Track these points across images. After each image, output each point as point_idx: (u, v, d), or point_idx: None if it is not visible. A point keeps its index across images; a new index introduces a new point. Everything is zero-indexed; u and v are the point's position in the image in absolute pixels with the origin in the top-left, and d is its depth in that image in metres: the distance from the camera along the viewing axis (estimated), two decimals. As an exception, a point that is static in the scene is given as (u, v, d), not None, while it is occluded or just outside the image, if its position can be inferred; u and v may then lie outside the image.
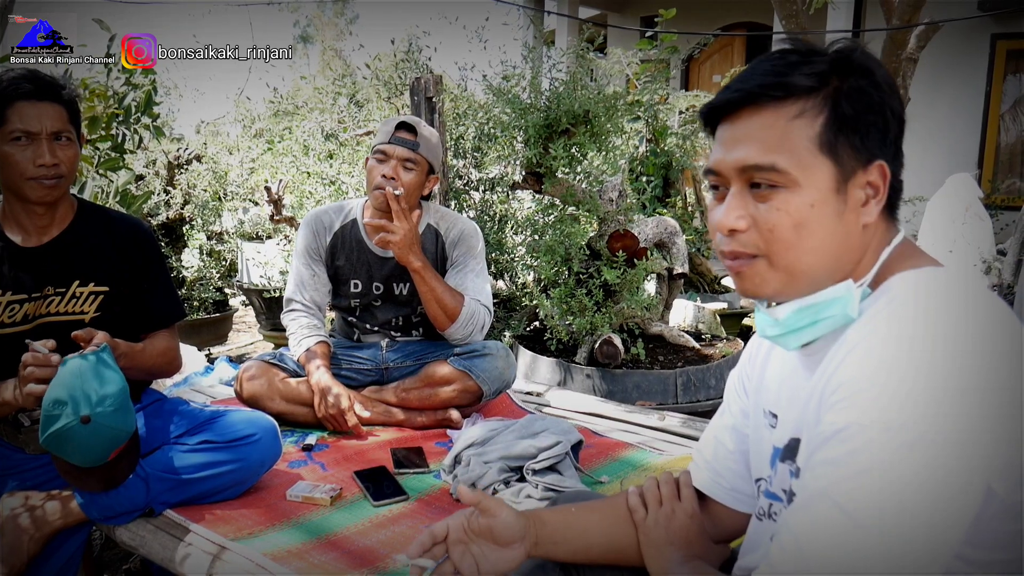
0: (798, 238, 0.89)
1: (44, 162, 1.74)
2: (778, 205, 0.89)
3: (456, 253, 2.52)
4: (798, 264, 0.90)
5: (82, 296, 1.88)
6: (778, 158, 0.88)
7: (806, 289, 0.92)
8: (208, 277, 5.15)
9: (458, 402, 2.44)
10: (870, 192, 0.90)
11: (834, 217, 0.89)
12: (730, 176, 0.92)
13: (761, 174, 0.89)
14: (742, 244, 0.91)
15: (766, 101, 0.89)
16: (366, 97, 4.57)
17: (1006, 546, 0.82)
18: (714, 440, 1.18)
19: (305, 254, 2.54)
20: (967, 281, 0.86)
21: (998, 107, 7.40)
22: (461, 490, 1.09)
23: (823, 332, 0.92)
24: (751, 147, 0.89)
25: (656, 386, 3.28)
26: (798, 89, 0.88)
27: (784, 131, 0.88)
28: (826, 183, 0.88)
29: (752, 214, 0.90)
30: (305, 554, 1.65)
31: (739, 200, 0.91)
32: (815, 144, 0.88)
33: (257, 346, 5.29)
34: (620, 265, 3.36)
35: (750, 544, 1.08)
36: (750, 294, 0.94)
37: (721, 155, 0.92)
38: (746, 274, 0.93)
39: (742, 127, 0.91)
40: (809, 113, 0.88)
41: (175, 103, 6.06)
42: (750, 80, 0.91)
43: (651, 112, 4.50)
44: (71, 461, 1.61)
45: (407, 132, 2.41)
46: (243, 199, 5.41)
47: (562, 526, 1.13)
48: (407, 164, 2.39)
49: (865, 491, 0.77)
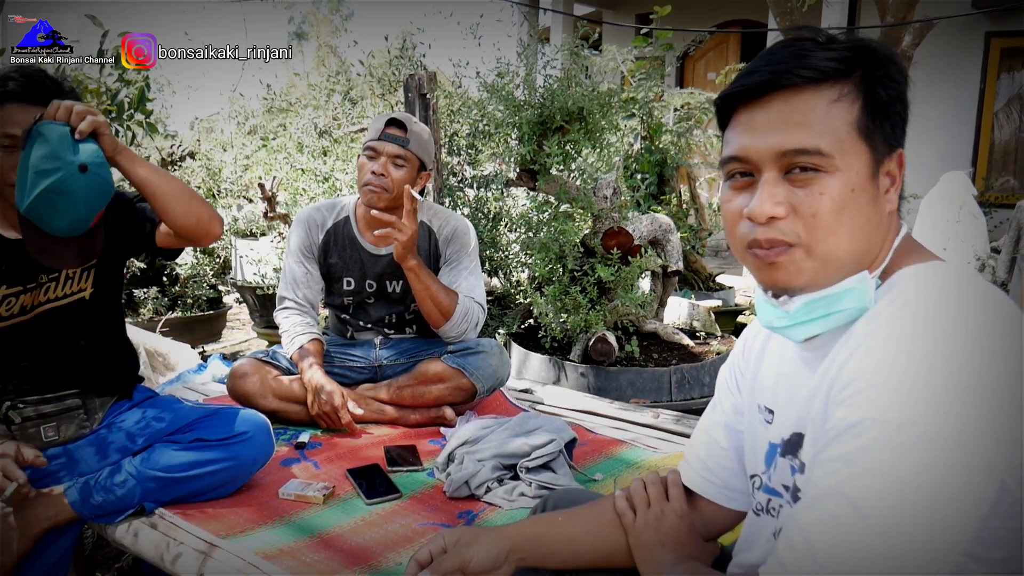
0: (839, 224, 0.87)
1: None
2: (821, 190, 0.86)
3: (449, 251, 2.52)
4: (836, 251, 0.88)
5: (76, 275, 1.87)
6: (823, 141, 0.86)
7: (834, 279, 0.89)
8: (202, 274, 5.13)
9: (452, 400, 2.44)
10: (888, 181, 0.90)
11: (871, 203, 0.88)
12: (763, 162, 0.89)
13: (804, 158, 0.86)
14: (781, 232, 0.88)
15: (801, 84, 0.87)
16: (360, 94, 4.57)
17: (1010, 544, 0.81)
18: (707, 437, 1.16)
19: (298, 252, 2.53)
20: (971, 276, 0.86)
21: (992, 105, 7.42)
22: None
23: (836, 325, 0.90)
24: (793, 131, 0.87)
25: (650, 384, 3.28)
26: (830, 72, 0.87)
27: (825, 114, 0.87)
28: (865, 169, 0.87)
29: (791, 201, 0.88)
30: (297, 553, 1.64)
31: (774, 187, 0.88)
32: (855, 129, 0.87)
33: (251, 344, 5.28)
34: (614, 262, 3.35)
35: (747, 540, 1.07)
36: (781, 285, 0.91)
37: (750, 140, 0.89)
38: (781, 264, 0.89)
39: (777, 111, 0.88)
40: (847, 98, 0.87)
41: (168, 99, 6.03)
42: (776, 64, 0.88)
43: (646, 109, 4.50)
44: (56, 226, 1.60)
45: (397, 128, 2.40)
46: (237, 196, 5.40)
47: (548, 537, 1.12)
48: (397, 160, 2.38)
49: (877, 487, 0.76)
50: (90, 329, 1.92)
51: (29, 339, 1.84)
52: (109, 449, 1.90)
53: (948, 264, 0.89)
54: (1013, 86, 7.33)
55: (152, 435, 1.90)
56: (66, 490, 1.81)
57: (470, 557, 1.04)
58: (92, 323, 1.92)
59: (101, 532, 1.88)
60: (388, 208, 2.38)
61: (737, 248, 0.94)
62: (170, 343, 3.53)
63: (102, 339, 1.96)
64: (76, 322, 1.89)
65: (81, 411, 1.91)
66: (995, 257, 4.61)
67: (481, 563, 1.05)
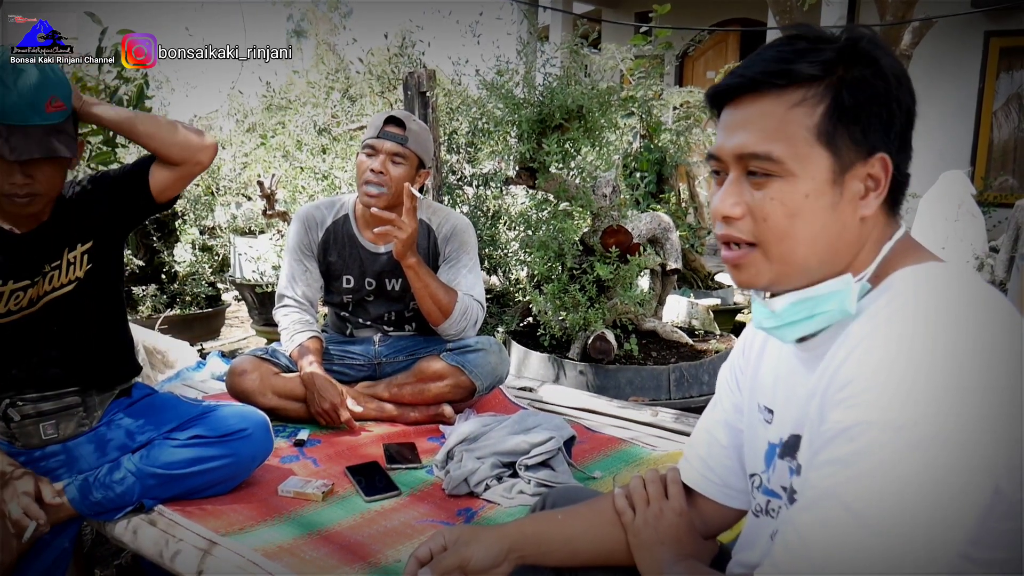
0: (791, 228, 0.88)
1: (15, 181, 1.69)
2: (772, 194, 0.88)
3: (449, 248, 2.51)
4: (792, 255, 0.89)
5: (76, 259, 1.88)
6: (774, 147, 0.87)
7: (801, 281, 0.91)
8: (200, 272, 5.13)
9: (451, 397, 2.44)
10: (870, 184, 0.89)
11: (829, 209, 0.88)
12: (728, 162, 0.91)
13: (757, 162, 0.88)
14: (737, 230, 0.90)
15: (768, 88, 0.88)
16: (359, 92, 4.56)
17: (1010, 545, 0.81)
18: (707, 435, 1.16)
19: (297, 250, 2.53)
20: (969, 278, 0.85)
21: (991, 104, 7.43)
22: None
23: (821, 326, 0.91)
24: (749, 134, 0.88)
25: (649, 382, 3.28)
26: (801, 77, 0.87)
27: (782, 119, 0.87)
28: (822, 174, 0.87)
29: (747, 202, 0.89)
30: (296, 549, 1.64)
31: (735, 187, 0.91)
32: (813, 134, 0.87)
33: (250, 341, 5.28)
34: (613, 261, 3.35)
35: (746, 541, 1.07)
36: (745, 285, 0.94)
37: (722, 140, 0.92)
38: (742, 265, 0.92)
39: (742, 113, 0.90)
40: (810, 102, 0.87)
41: (167, 97, 6.02)
42: (754, 66, 0.89)
43: (645, 108, 4.50)
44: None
45: (395, 126, 2.40)
46: (236, 194, 5.39)
47: (547, 536, 1.12)
48: (395, 159, 2.38)
49: (872, 490, 0.76)
50: (90, 314, 1.92)
51: (34, 330, 1.84)
52: (108, 446, 1.90)
53: (945, 264, 0.89)
54: (1012, 85, 7.34)
55: (151, 432, 1.90)
56: (65, 487, 1.81)
57: (470, 556, 1.05)
58: (91, 308, 1.92)
59: (100, 529, 1.88)
60: (388, 206, 2.37)
61: (719, 243, 0.97)
62: (169, 340, 3.53)
63: (102, 327, 1.96)
64: (77, 308, 1.89)
65: (80, 409, 1.91)
66: (994, 256, 4.62)
67: (481, 562, 1.05)
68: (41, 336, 1.86)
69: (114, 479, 1.81)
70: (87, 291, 1.90)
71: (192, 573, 1.60)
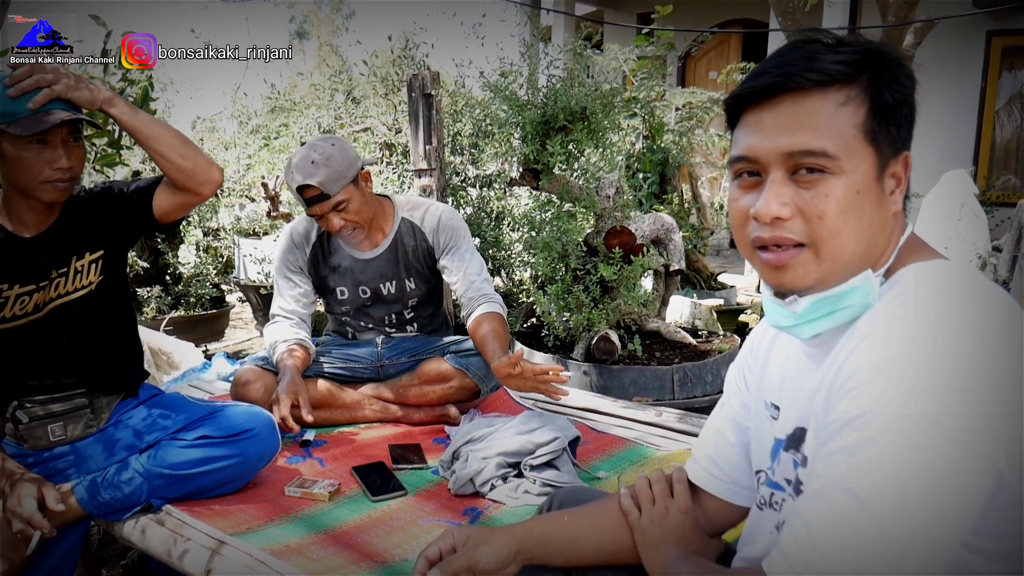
0: (845, 225, 0.88)
1: (61, 166, 1.75)
2: (826, 191, 0.88)
3: (443, 239, 2.50)
4: (843, 252, 0.89)
5: (84, 268, 1.89)
6: (828, 144, 0.87)
7: (840, 279, 0.91)
8: (204, 273, 5.14)
9: (455, 398, 2.44)
10: (894, 182, 0.91)
11: (876, 205, 0.90)
12: (770, 162, 0.90)
13: (811, 159, 0.88)
14: (788, 231, 0.89)
15: (809, 87, 0.89)
16: (363, 93, 4.57)
17: (1011, 536, 0.83)
18: (715, 433, 1.18)
19: (283, 266, 2.54)
20: (972, 274, 0.88)
21: (993, 103, 7.43)
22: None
23: (840, 322, 0.92)
24: (801, 133, 0.88)
25: (653, 382, 3.29)
26: (838, 75, 0.88)
27: (833, 117, 0.88)
28: (869, 171, 0.89)
29: (796, 202, 0.89)
30: (304, 549, 1.66)
31: (781, 187, 0.90)
32: (861, 132, 0.88)
33: (254, 342, 5.29)
34: (617, 262, 3.36)
35: (750, 534, 1.09)
36: (790, 287, 0.93)
37: (758, 141, 0.91)
38: (790, 266, 0.91)
39: (786, 112, 0.89)
40: (854, 101, 0.88)
41: (171, 99, 6.03)
42: (785, 67, 0.90)
43: (648, 109, 4.51)
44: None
45: (309, 191, 2.31)
46: (240, 195, 5.41)
47: (554, 537, 1.14)
48: (336, 209, 2.33)
49: (878, 479, 0.77)
50: (100, 323, 1.94)
51: (42, 336, 1.85)
52: (116, 446, 1.91)
53: (950, 262, 0.91)
54: (1014, 84, 7.33)
55: (159, 432, 1.91)
56: (73, 487, 1.82)
57: (479, 558, 1.06)
58: (101, 316, 1.94)
59: (108, 529, 1.90)
60: (370, 226, 2.44)
61: (744, 248, 0.95)
62: (174, 342, 3.55)
63: (112, 335, 1.98)
64: (86, 316, 1.91)
65: (88, 410, 1.92)
66: (996, 256, 4.62)
67: (490, 563, 1.07)
68: (50, 344, 1.87)
69: (122, 479, 1.82)
70: (97, 301, 1.92)
71: (201, 572, 1.61)
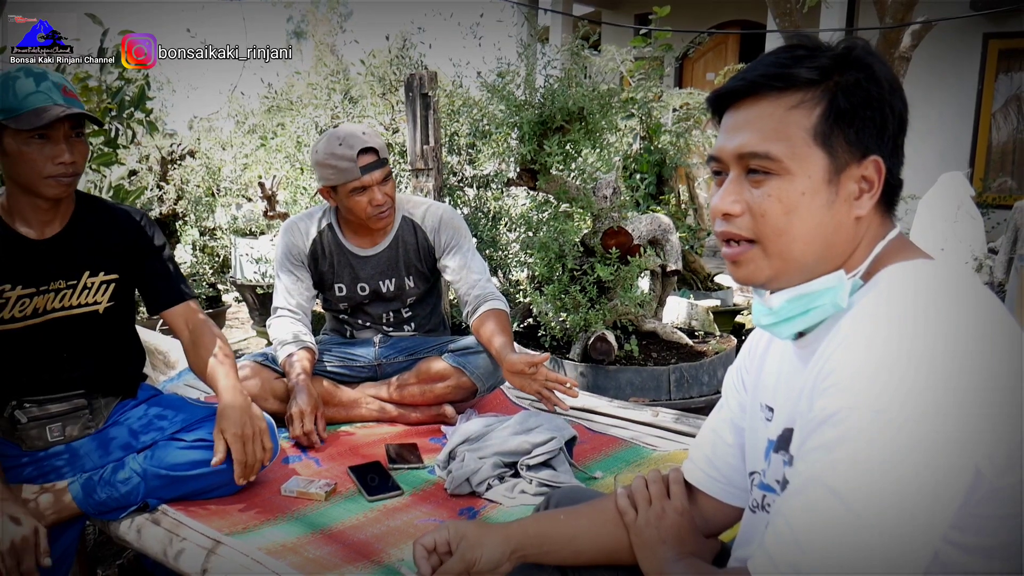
0: (789, 224, 0.91)
1: (64, 160, 1.75)
2: (770, 191, 0.92)
3: (444, 238, 2.51)
4: (788, 251, 0.93)
5: (93, 286, 1.89)
6: (772, 146, 0.91)
7: (798, 277, 0.94)
8: (201, 273, 5.14)
9: (452, 398, 2.44)
10: (864, 186, 0.92)
11: (825, 206, 0.91)
12: (729, 162, 0.95)
13: (756, 161, 0.92)
14: (736, 227, 0.94)
15: (767, 91, 0.92)
16: (360, 93, 4.57)
17: (992, 531, 0.83)
18: (713, 434, 1.18)
19: (286, 260, 2.52)
20: (954, 272, 0.88)
21: (990, 106, 7.45)
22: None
23: (814, 321, 0.95)
24: (749, 135, 0.92)
25: (649, 382, 3.29)
26: (799, 81, 0.91)
27: (781, 120, 0.91)
28: (818, 173, 0.91)
29: (746, 199, 0.93)
30: (300, 548, 1.65)
31: (735, 185, 0.95)
32: (810, 135, 0.90)
33: (250, 342, 5.29)
34: (614, 262, 3.36)
35: (744, 537, 1.09)
36: (745, 281, 0.98)
37: (722, 141, 0.96)
38: (741, 261, 0.96)
39: (743, 115, 0.94)
40: (807, 104, 0.91)
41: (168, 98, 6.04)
42: (755, 71, 0.94)
43: (645, 109, 4.50)
44: None
45: (370, 154, 2.32)
46: (236, 195, 5.40)
47: (550, 536, 1.14)
48: (385, 181, 2.35)
49: (857, 475, 0.78)
50: (100, 339, 1.94)
51: (39, 343, 1.85)
52: (112, 445, 1.91)
53: (931, 262, 0.92)
54: (1011, 87, 7.35)
55: (155, 433, 1.91)
56: (69, 485, 1.82)
57: (475, 558, 1.07)
58: (103, 334, 1.94)
59: (104, 528, 1.89)
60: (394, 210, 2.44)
61: (718, 243, 1.00)
62: (170, 341, 3.53)
63: (112, 345, 1.98)
64: (87, 332, 1.91)
65: (87, 411, 1.92)
66: (992, 257, 4.63)
67: (486, 563, 1.08)
68: (49, 354, 1.87)
69: (118, 478, 1.82)
70: (99, 320, 1.92)
71: (197, 572, 1.60)
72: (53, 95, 1.72)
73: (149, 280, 2.01)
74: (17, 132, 1.70)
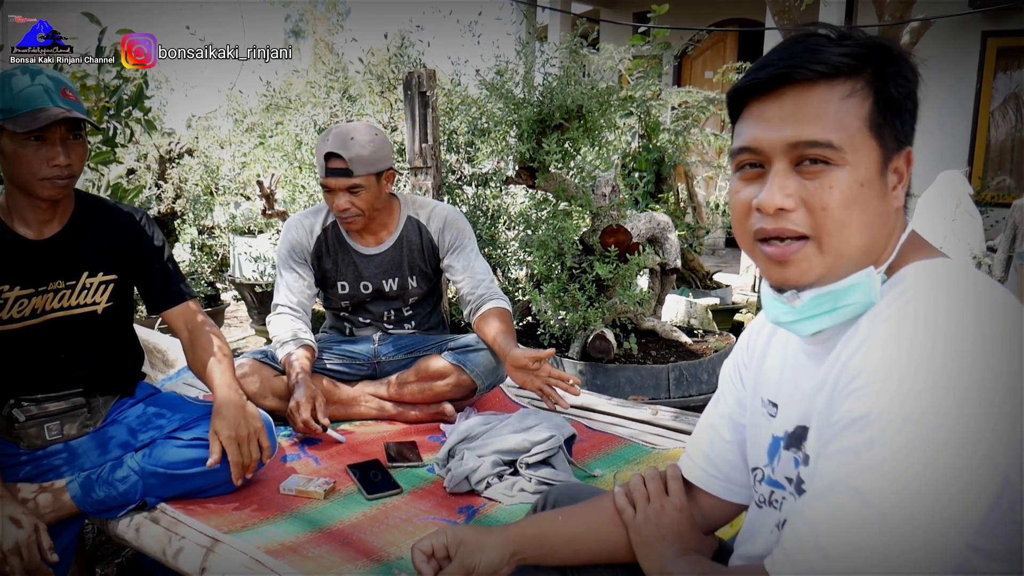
0: (849, 217, 0.87)
1: (59, 163, 1.74)
2: (830, 183, 0.87)
3: (448, 239, 2.51)
4: (846, 245, 0.88)
5: (92, 286, 1.89)
6: (833, 135, 0.87)
7: (843, 274, 0.90)
8: (200, 272, 5.13)
9: (451, 396, 2.44)
10: (895, 178, 0.91)
11: (879, 198, 0.89)
12: (774, 153, 0.89)
13: (816, 150, 0.87)
14: (791, 223, 0.88)
15: (814, 79, 0.88)
16: (359, 91, 4.56)
17: (1014, 536, 0.82)
18: (710, 431, 1.17)
19: (289, 257, 2.52)
20: (976, 274, 0.87)
21: (988, 104, 7.44)
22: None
23: (842, 319, 0.91)
24: (806, 124, 0.87)
25: (648, 381, 3.29)
26: (843, 67, 0.88)
27: (838, 109, 0.87)
28: (873, 164, 0.88)
29: (800, 193, 0.88)
30: (299, 547, 1.65)
31: (785, 179, 0.89)
32: (866, 124, 0.88)
33: (249, 341, 5.28)
34: (613, 260, 3.36)
35: (749, 532, 1.08)
36: (792, 283, 0.92)
37: (762, 132, 0.90)
38: (793, 260, 0.90)
39: (791, 103, 0.89)
40: (860, 93, 0.88)
41: (166, 96, 6.02)
42: (790, 59, 0.89)
43: (644, 108, 4.51)
44: None
45: (336, 161, 2.32)
46: (235, 193, 5.39)
47: (549, 537, 1.14)
48: (351, 190, 2.34)
49: (883, 479, 0.77)
50: (99, 339, 1.94)
51: (38, 343, 1.85)
52: (110, 444, 1.91)
53: (953, 261, 0.90)
54: (1009, 85, 7.35)
55: (154, 431, 1.91)
56: (68, 484, 1.81)
57: (475, 564, 1.07)
58: (102, 334, 1.94)
59: (103, 527, 1.89)
60: (371, 219, 2.42)
61: (745, 241, 0.94)
62: (169, 340, 3.52)
63: (111, 345, 1.98)
64: (86, 333, 1.90)
65: (85, 410, 1.92)
66: (991, 256, 4.63)
67: (486, 568, 1.08)
68: (48, 354, 1.87)
69: (117, 477, 1.81)
70: (98, 320, 1.92)
71: (195, 571, 1.60)
72: (51, 97, 1.71)
73: (149, 281, 2.00)
74: (13, 134, 1.70)
